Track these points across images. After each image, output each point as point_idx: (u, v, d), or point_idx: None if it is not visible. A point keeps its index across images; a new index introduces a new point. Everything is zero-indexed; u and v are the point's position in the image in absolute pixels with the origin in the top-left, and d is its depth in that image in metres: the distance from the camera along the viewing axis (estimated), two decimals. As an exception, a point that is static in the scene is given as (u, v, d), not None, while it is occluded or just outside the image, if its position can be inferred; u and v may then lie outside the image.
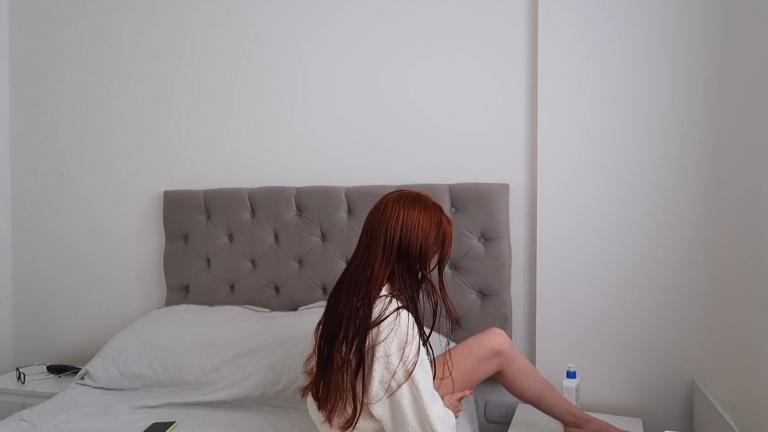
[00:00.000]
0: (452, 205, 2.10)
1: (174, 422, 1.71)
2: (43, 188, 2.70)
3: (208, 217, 2.39)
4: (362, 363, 1.38)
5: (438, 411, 1.39)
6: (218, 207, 2.36)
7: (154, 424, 1.69)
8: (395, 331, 1.37)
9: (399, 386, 1.36)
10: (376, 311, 1.40)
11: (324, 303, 2.13)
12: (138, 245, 2.56)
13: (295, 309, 2.22)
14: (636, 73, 1.93)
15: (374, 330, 1.38)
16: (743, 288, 1.83)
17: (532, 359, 2.05)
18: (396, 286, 1.46)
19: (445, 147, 2.17)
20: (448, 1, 2.15)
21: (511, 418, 1.92)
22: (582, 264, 2.00)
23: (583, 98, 1.98)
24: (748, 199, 1.82)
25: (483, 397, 2.09)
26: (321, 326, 1.51)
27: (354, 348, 1.38)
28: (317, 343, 1.51)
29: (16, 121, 2.73)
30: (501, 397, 2.05)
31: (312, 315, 2.04)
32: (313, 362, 1.55)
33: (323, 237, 2.23)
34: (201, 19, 2.46)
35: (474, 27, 2.12)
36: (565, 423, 1.71)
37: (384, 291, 1.45)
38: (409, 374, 1.36)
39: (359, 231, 2.12)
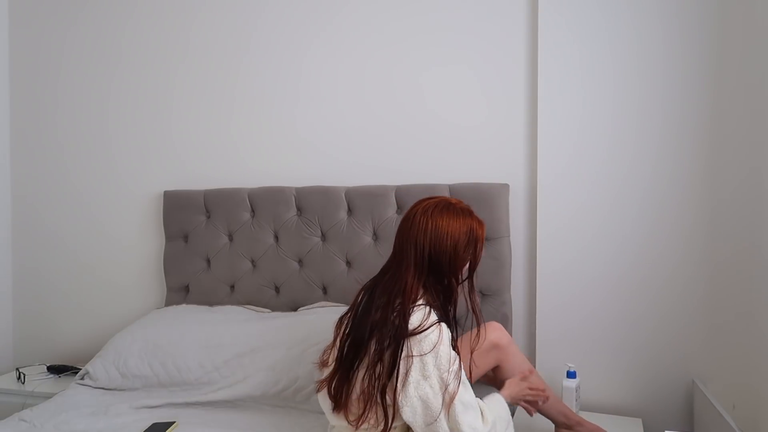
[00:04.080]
0: (452, 205, 2.09)
1: (174, 422, 1.71)
2: (44, 188, 2.70)
3: (208, 217, 2.39)
4: (395, 370, 1.36)
5: (471, 421, 1.37)
6: (218, 207, 2.36)
7: (154, 424, 1.69)
8: (437, 350, 1.35)
9: (447, 408, 1.35)
10: (414, 319, 1.37)
11: (325, 303, 2.15)
12: (138, 245, 2.56)
13: (295, 309, 2.22)
14: (633, 73, 1.94)
15: (411, 339, 1.36)
16: (743, 286, 1.83)
17: (533, 359, 2.05)
18: (429, 297, 1.45)
19: (445, 147, 2.17)
20: (452, 7, 2.15)
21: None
22: (582, 264, 2.00)
23: (581, 99, 1.98)
24: (746, 195, 1.82)
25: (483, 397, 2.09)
26: (347, 330, 1.48)
27: (387, 355, 1.36)
28: (341, 346, 1.48)
29: (17, 122, 2.73)
30: (501, 397, 2.06)
31: (312, 315, 2.04)
32: (329, 355, 1.54)
33: (323, 237, 2.23)
34: (202, 19, 2.46)
35: (475, 35, 2.13)
36: (557, 424, 1.71)
37: (420, 301, 1.43)
38: (452, 399, 1.35)
39: (359, 231, 2.15)
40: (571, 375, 1.87)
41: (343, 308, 2.04)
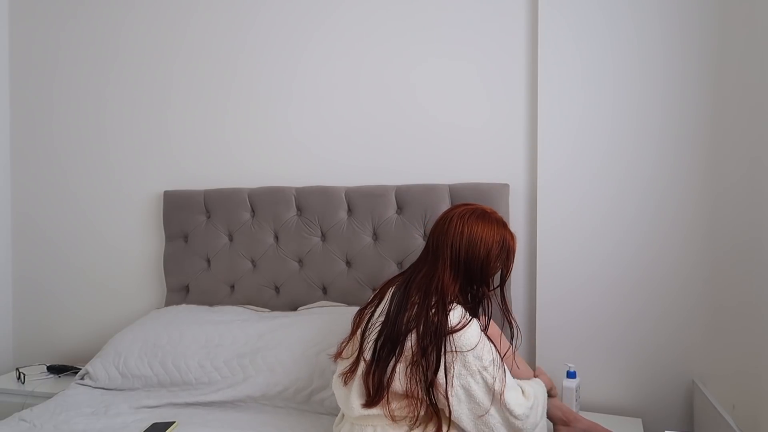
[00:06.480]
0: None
1: (174, 422, 1.71)
2: (43, 188, 2.70)
3: (208, 217, 2.39)
4: (440, 367, 1.39)
5: (515, 398, 1.42)
6: (218, 207, 2.36)
7: (154, 424, 1.69)
8: (477, 347, 1.40)
9: (498, 402, 1.40)
10: (453, 317, 1.42)
11: (324, 303, 2.15)
12: (138, 245, 2.56)
13: (295, 309, 2.22)
14: (633, 73, 1.93)
15: (452, 336, 1.40)
16: (743, 285, 1.83)
17: (532, 359, 2.05)
18: (462, 299, 1.50)
19: (445, 147, 2.17)
20: (451, 6, 2.15)
21: (511, 418, 1.92)
22: (582, 264, 2.00)
23: (582, 98, 1.98)
24: (745, 195, 1.82)
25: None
26: (378, 325, 1.50)
27: (430, 353, 1.39)
28: (364, 340, 1.50)
29: (16, 123, 2.73)
30: (501, 397, 2.06)
31: (312, 315, 2.04)
32: (344, 347, 1.56)
33: (323, 237, 2.23)
34: (200, 18, 2.46)
35: (475, 32, 2.12)
36: (554, 420, 1.71)
37: (455, 301, 1.48)
38: (501, 393, 1.40)
39: (359, 231, 2.15)
40: (571, 375, 1.87)
41: (343, 308, 2.06)
